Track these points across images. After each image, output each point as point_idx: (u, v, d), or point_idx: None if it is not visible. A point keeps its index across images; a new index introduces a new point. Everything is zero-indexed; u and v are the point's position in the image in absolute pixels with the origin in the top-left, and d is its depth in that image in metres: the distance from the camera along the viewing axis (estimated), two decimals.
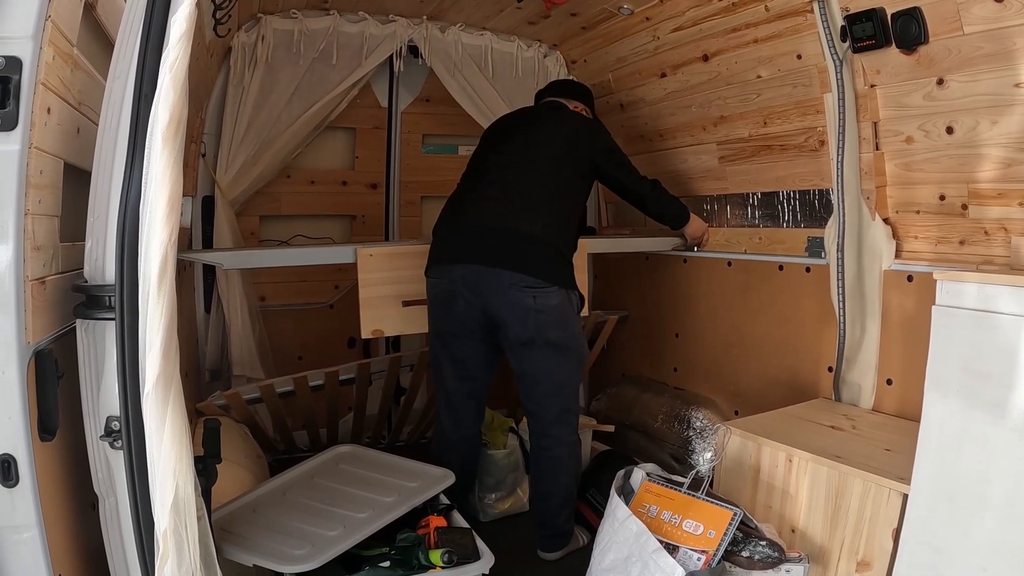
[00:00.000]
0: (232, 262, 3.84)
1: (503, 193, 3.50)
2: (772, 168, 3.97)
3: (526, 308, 3.34)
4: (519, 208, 3.45)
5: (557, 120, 3.80)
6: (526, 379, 3.50)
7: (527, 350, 3.42)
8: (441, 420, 3.70)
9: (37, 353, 1.90)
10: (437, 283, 3.49)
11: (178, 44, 1.81)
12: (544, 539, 3.61)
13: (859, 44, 3.17)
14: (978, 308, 2.29)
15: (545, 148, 3.61)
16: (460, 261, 3.41)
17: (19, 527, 1.88)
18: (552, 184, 3.55)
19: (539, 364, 3.45)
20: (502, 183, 3.54)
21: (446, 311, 3.47)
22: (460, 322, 3.46)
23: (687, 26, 3.99)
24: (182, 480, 1.87)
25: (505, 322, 3.39)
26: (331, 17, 4.54)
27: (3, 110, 1.80)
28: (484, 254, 3.37)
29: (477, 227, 3.46)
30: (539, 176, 3.55)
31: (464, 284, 3.38)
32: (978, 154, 2.94)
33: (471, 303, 3.39)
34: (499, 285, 3.33)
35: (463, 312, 3.42)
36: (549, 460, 3.52)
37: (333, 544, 2.71)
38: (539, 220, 3.44)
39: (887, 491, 2.62)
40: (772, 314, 4.02)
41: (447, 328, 3.51)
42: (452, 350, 3.54)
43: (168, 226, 1.80)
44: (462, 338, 3.51)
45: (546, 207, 3.49)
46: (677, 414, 4.34)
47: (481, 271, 3.35)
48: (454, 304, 3.43)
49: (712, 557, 2.62)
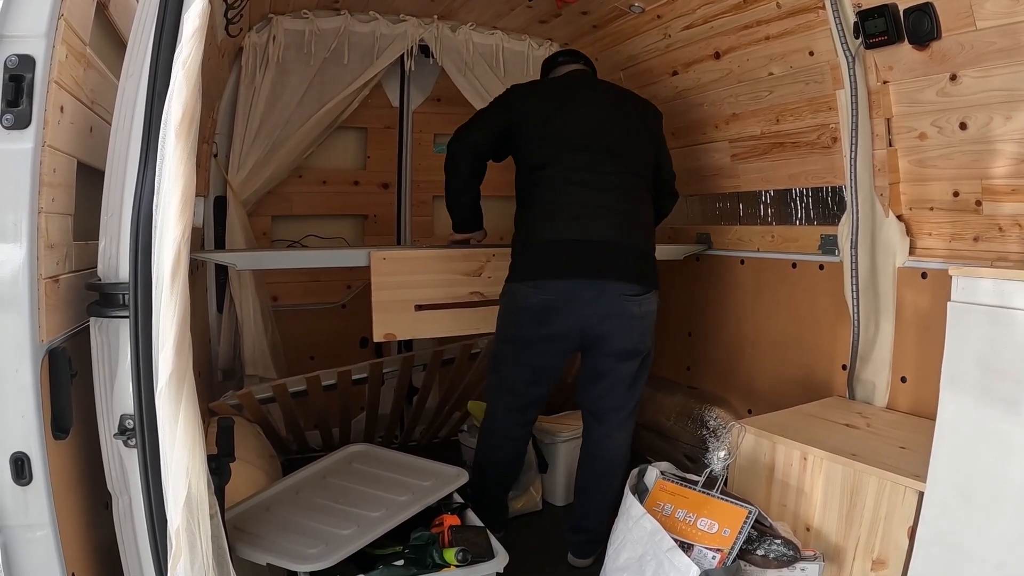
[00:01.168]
0: (246, 263, 3.85)
1: (602, 200, 3.34)
2: (785, 165, 3.96)
3: (631, 317, 3.28)
4: (621, 216, 3.34)
5: (627, 103, 3.65)
6: (609, 381, 3.40)
7: (625, 359, 3.35)
8: (497, 418, 3.56)
9: (51, 352, 1.90)
10: (533, 294, 3.29)
11: (191, 40, 1.81)
12: (582, 544, 3.53)
13: (871, 40, 3.15)
14: (994, 304, 2.28)
15: (628, 141, 3.50)
16: (564, 277, 3.26)
17: (32, 525, 1.88)
18: (642, 182, 3.50)
19: (632, 369, 3.38)
20: (598, 188, 3.35)
21: (536, 323, 3.29)
22: (549, 336, 3.31)
23: (698, 24, 3.98)
24: (195, 477, 1.87)
25: (607, 336, 3.29)
26: (342, 17, 4.54)
27: (16, 108, 1.81)
28: (591, 269, 3.25)
29: (583, 242, 3.29)
30: (631, 177, 3.44)
31: (565, 300, 3.25)
32: (992, 150, 2.92)
33: (568, 320, 3.27)
34: (606, 299, 3.24)
35: (557, 328, 3.28)
36: (609, 463, 3.49)
37: (347, 543, 2.71)
38: (640, 225, 3.42)
39: (903, 489, 2.60)
40: (785, 312, 4.01)
41: (532, 337, 3.33)
42: (530, 358, 3.40)
43: (181, 222, 1.81)
44: (546, 352, 3.38)
45: (642, 208, 3.47)
46: (690, 413, 4.33)
47: (587, 286, 3.24)
48: (549, 319, 3.27)
49: (727, 555, 2.61)
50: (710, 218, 4.62)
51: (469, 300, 3.76)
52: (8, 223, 1.81)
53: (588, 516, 3.52)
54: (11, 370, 1.83)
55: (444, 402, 4.81)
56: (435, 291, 3.68)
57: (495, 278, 3.72)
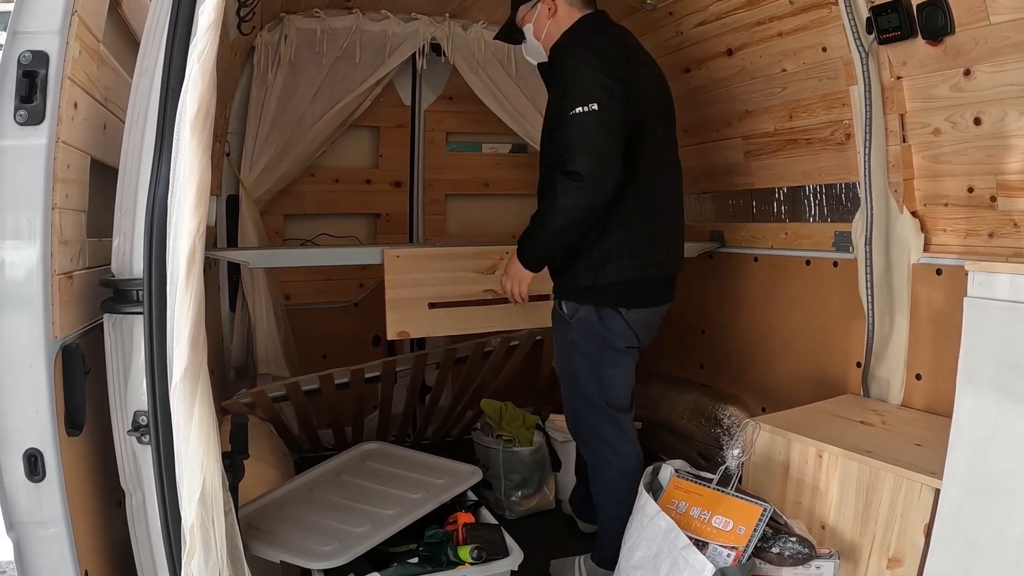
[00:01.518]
0: (259, 261, 3.85)
1: (676, 223, 3.36)
2: (798, 162, 3.94)
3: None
4: (679, 228, 3.40)
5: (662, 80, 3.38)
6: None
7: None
8: (624, 436, 3.30)
9: (64, 348, 1.91)
10: (649, 316, 3.28)
11: (206, 34, 1.81)
12: (592, 511, 3.50)
13: (885, 35, 3.14)
14: (1011, 299, 2.26)
15: (671, 120, 3.37)
16: (665, 302, 3.35)
17: (46, 522, 1.89)
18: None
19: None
20: (673, 208, 3.33)
21: (631, 331, 3.21)
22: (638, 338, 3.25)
23: (711, 20, 3.97)
24: (209, 474, 1.87)
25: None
26: (353, 16, 4.55)
27: (30, 104, 1.81)
28: (672, 289, 3.36)
29: (669, 269, 3.31)
30: (679, 170, 3.37)
31: (658, 317, 3.35)
32: (1007, 145, 2.90)
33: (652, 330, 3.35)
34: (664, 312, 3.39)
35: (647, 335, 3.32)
36: None
37: (361, 541, 2.72)
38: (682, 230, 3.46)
39: (919, 486, 2.58)
40: (799, 310, 3.99)
41: (631, 343, 3.24)
42: (629, 357, 3.30)
43: (196, 216, 1.81)
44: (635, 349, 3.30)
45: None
46: (704, 411, 4.32)
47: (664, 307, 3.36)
48: (647, 331, 3.31)
49: (742, 553, 2.60)
50: (723, 216, 4.61)
51: (483, 298, 3.75)
52: (22, 219, 1.83)
53: None
54: (25, 366, 1.83)
55: (457, 401, 4.81)
56: (448, 289, 3.68)
57: None
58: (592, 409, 3.25)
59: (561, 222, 2.97)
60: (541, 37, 3.28)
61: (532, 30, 3.30)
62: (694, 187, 4.71)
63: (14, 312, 1.83)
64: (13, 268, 1.83)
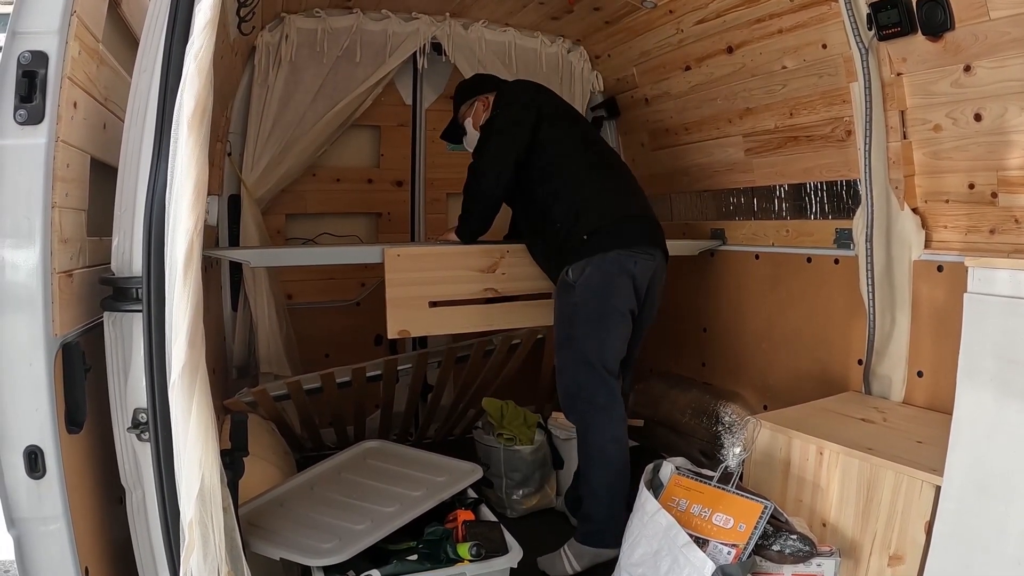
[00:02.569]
0: (260, 260, 3.86)
1: (628, 183, 3.72)
2: (799, 160, 3.94)
3: (662, 279, 3.67)
4: (639, 194, 3.73)
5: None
6: (636, 337, 3.66)
7: (641, 325, 3.66)
8: (616, 402, 3.45)
9: (64, 346, 1.92)
10: (640, 260, 3.48)
11: (203, 33, 1.82)
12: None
13: (885, 32, 3.14)
14: (1011, 295, 2.26)
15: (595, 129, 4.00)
16: (654, 245, 3.57)
17: (46, 519, 1.90)
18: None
19: (637, 339, 3.69)
20: (619, 175, 3.72)
21: (636, 291, 3.49)
22: (638, 302, 3.53)
23: (711, 18, 3.97)
24: (208, 470, 1.87)
25: (650, 302, 3.62)
26: (354, 15, 4.56)
27: (30, 104, 1.82)
28: (654, 239, 3.59)
29: (639, 216, 3.60)
30: (619, 159, 3.94)
31: (653, 263, 3.53)
32: (1007, 141, 2.89)
33: (648, 285, 3.54)
34: (663, 265, 3.63)
35: (642, 292, 3.53)
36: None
37: (361, 538, 2.72)
38: (645, 198, 3.78)
39: (919, 483, 2.58)
40: (801, 307, 3.99)
41: (632, 307, 3.51)
42: (629, 326, 3.54)
43: (194, 214, 1.81)
44: (631, 319, 3.54)
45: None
46: (705, 409, 4.32)
47: (658, 255, 3.58)
48: (642, 283, 3.50)
49: (742, 551, 2.60)
50: (724, 213, 4.60)
51: (484, 296, 3.76)
52: (22, 218, 1.83)
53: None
54: (25, 364, 1.84)
55: (459, 399, 4.81)
56: (449, 287, 3.68)
57: (509, 274, 3.72)
58: (588, 372, 3.41)
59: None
60: (477, 127, 3.87)
61: (471, 123, 3.92)
62: (695, 185, 4.71)
63: (14, 310, 1.84)
64: (13, 266, 1.84)
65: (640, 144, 5.12)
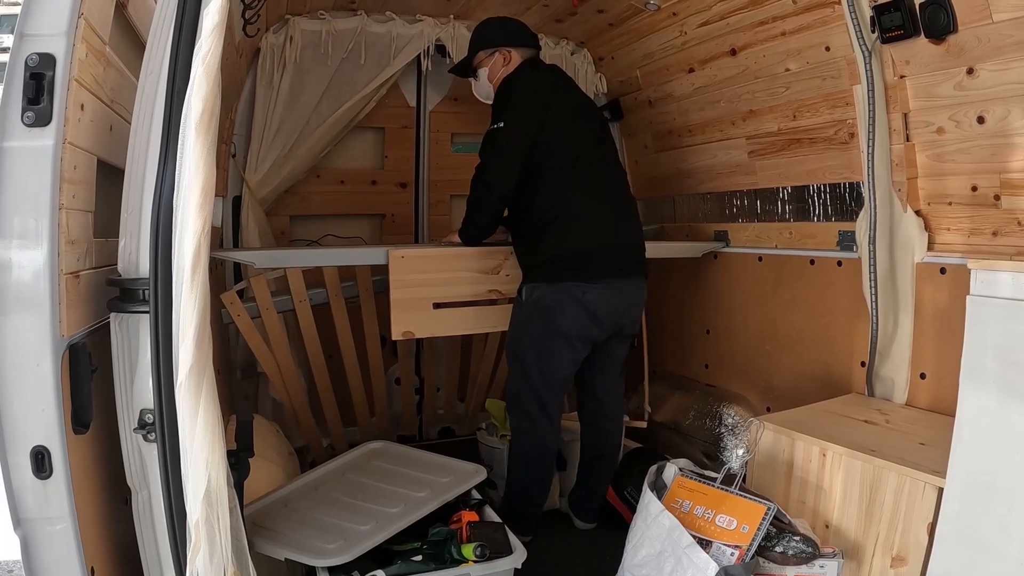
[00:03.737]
0: (265, 261, 3.86)
1: (614, 206, 3.66)
2: (802, 162, 3.94)
3: (642, 302, 3.79)
4: (626, 218, 3.71)
5: (587, 99, 3.97)
6: (614, 362, 3.80)
7: (629, 340, 3.83)
8: (545, 417, 3.61)
9: (71, 347, 1.93)
10: (601, 290, 3.50)
11: (211, 36, 1.82)
12: (590, 510, 3.94)
13: (888, 35, 3.15)
14: (1013, 297, 2.27)
15: (602, 134, 3.82)
16: (624, 275, 3.59)
17: (52, 519, 1.91)
18: (626, 180, 3.87)
19: (625, 350, 3.84)
20: (605, 196, 3.65)
21: (592, 318, 3.51)
22: (603, 328, 3.56)
23: (714, 20, 3.97)
24: (214, 471, 1.88)
25: (632, 322, 3.73)
26: (358, 17, 4.56)
27: (37, 106, 1.83)
28: (629, 268, 3.62)
29: (608, 248, 3.56)
30: (617, 171, 3.83)
31: (620, 296, 3.56)
32: (1010, 143, 2.90)
33: (618, 312, 3.58)
34: (638, 291, 3.69)
35: (611, 319, 3.56)
36: (617, 423, 3.92)
37: (365, 538, 2.72)
38: (635, 216, 3.80)
39: (922, 485, 2.59)
40: (804, 309, 3.99)
41: (589, 333, 3.55)
42: (578, 351, 3.58)
43: (202, 216, 1.82)
44: (588, 343, 3.59)
45: (632, 200, 3.86)
46: (708, 411, 4.33)
47: (633, 283, 3.64)
48: (609, 312, 3.54)
49: (746, 552, 2.61)
50: (727, 215, 4.61)
51: (487, 298, 3.78)
52: (30, 219, 1.84)
53: (602, 480, 3.92)
54: (32, 364, 1.85)
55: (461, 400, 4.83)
56: (453, 289, 3.70)
57: (513, 276, 3.73)
58: (526, 386, 3.60)
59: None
60: (492, 80, 3.82)
61: (486, 73, 3.86)
62: (698, 187, 4.72)
63: (22, 311, 1.85)
64: (21, 268, 1.85)
65: (643, 146, 5.12)
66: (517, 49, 3.80)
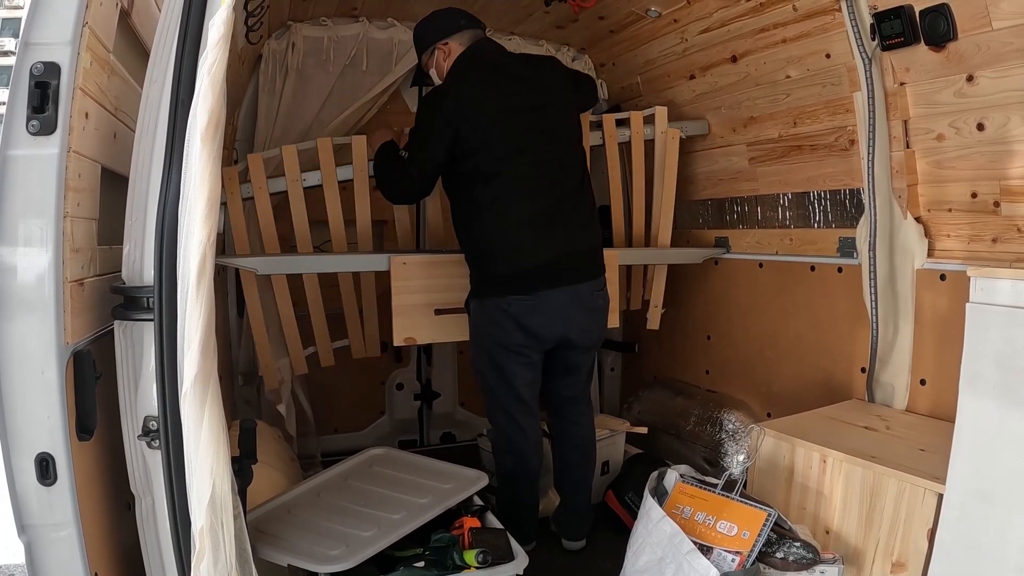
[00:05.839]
0: (267, 268, 3.87)
1: (558, 205, 3.49)
2: (802, 168, 3.95)
3: (597, 309, 3.59)
4: (578, 219, 3.55)
5: (536, 67, 3.75)
6: (573, 372, 3.68)
7: (589, 350, 3.70)
8: (515, 427, 3.59)
9: (76, 354, 1.94)
10: (526, 303, 3.41)
11: (216, 47, 1.83)
12: (576, 526, 3.78)
13: (888, 42, 3.16)
14: (1013, 305, 2.28)
15: (560, 124, 3.63)
16: (553, 286, 3.43)
17: (57, 525, 1.91)
18: (579, 159, 3.69)
19: (592, 356, 3.76)
20: (551, 194, 3.49)
21: (523, 330, 3.43)
22: (541, 339, 3.47)
23: (715, 27, 3.99)
24: (219, 478, 1.89)
25: (582, 331, 3.55)
26: (360, 24, 4.57)
27: (42, 115, 1.84)
28: (562, 278, 3.45)
29: (548, 261, 3.44)
30: (569, 159, 3.61)
31: (553, 307, 3.43)
32: (1010, 150, 2.91)
33: (556, 323, 3.45)
34: (583, 299, 3.50)
35: (547, 330, 3.46)
36: (587, 439, 3.80)
37: (368, 545, 2.73)
38: (590, 219, 3.63)
39: (922, 491, 2.59)
40: (804, 315, 4.00)
41: (526, 343, 3.47)
42: (530, 359, 3.52)
43: (207, 225, 1.83)
44: (538, 351, 3.52)
45: (589, 200, 3.67)
46: (709, 416, 4.33)
47: (568, 293, 3.46)
48: (542, 324, 3.44)
49: (746, 558, 2.62)
50: (728, 222, 4.61)
51: None
52: (34, 227, 1.85)
53: (579, 491, 3.77)
54: (36, 371, 1.86)
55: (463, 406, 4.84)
56: (454, 295, 3.70)
57: None
58: (489, 394, 3.65)
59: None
60: (442, 75, 3.69)
61: (435, 73, 3.75)
62: (699, 194, 4.73)
63: (26, 318, 1.86)
64: (25, 275, 1.86)
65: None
66: (451, 38, 3.65)
